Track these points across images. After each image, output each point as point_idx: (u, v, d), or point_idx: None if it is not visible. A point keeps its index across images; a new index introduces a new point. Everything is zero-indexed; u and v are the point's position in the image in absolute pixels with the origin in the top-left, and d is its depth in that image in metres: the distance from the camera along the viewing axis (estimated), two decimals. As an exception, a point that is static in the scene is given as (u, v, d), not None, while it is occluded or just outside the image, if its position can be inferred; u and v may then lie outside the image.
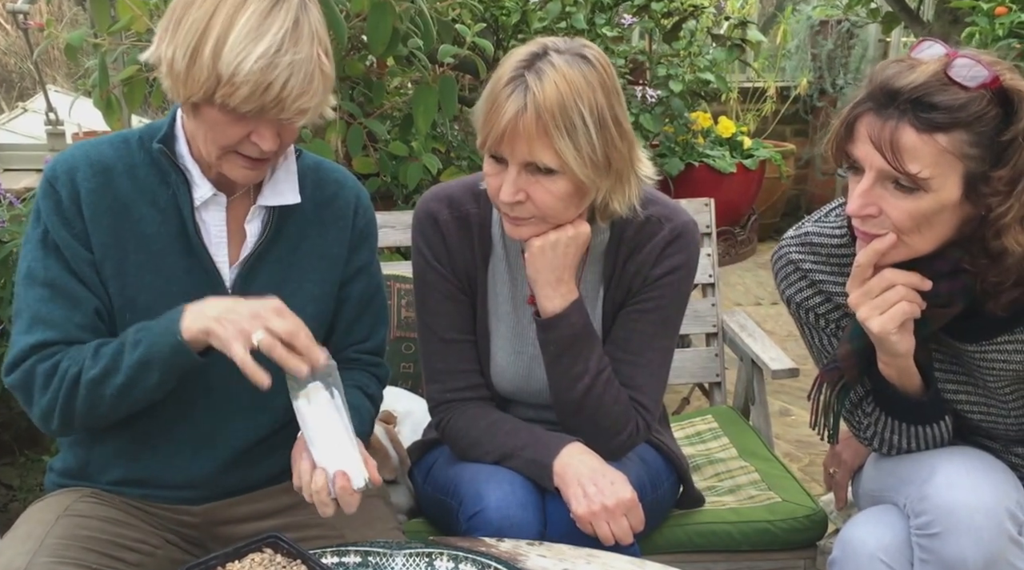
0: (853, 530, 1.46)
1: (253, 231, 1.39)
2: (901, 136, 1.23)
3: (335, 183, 1.47)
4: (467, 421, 1.56)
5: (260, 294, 1.36)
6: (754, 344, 2.26)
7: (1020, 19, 2.82)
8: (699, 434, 2.15)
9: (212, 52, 1.20)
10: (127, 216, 1.34)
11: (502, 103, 1.36)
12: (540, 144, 1.36)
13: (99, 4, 2.30)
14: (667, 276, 1.53)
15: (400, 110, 2.67)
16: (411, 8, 2.26)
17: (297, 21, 1.22)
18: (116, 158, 1.35)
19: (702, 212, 2.33)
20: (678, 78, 3.23)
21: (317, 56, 1.24)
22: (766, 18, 6.45)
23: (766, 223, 5.60)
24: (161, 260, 1.35)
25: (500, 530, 1.41)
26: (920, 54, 1.27)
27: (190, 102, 1.25)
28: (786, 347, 3.97)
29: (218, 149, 1.28)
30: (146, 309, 1.33)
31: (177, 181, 1.34)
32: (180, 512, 1.43)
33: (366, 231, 1.50)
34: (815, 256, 1.46)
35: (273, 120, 1.24)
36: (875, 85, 1.26)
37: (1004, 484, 1.37)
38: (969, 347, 1.40)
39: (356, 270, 1.48)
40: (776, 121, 5.73)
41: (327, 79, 1.26)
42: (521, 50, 1.42)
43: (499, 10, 3.08)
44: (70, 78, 4.72)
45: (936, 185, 1.23)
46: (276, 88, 1.20)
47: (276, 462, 1.45)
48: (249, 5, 1.21)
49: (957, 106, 1.21)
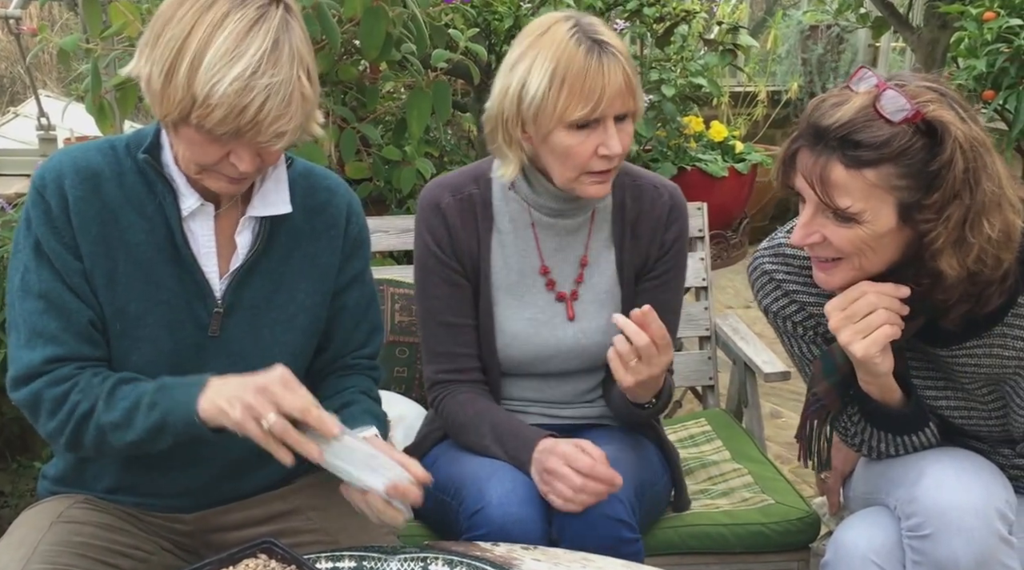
0: (845, 532, 1.48)
1: (243, 242, 1.36)
2: (831, 172, 1.26)
3: (326, 190, 1.45)
4: (457, 406, 1.62)
5: (250, 304, 1.37)
6: (746, 347, 2.27)
7: (1008, 24, 2.84)
8: (692, 437, 2.16)
9: (187, 72, 1.16)
10: (115, 224, 1.31)
11: (600, 68, 1.45)
12: (634, 92, 1.51)
13: (91, 9, 2.29)
14: (677, 241, 1.67)
15: (393, 115, 2.67)
16: (404, 13, 2.26)
17: (277, 42, 1.18)
18: (104, 164, 1.32)
19: (695, 216, 2.34)
20: (670, 82, 3.24)
21: (297, 78, 1.20)
22: (756, 23, 6.47)
23: (757, 226, 5.61)
24: (151, 269, 1.33)
25: (502, 527, 1.42)
26: (856, 85, 1.29)
27: (167, 120, 1.23)
28: (777, 350, 3.98)
29: (197, 167, 1.26)
30: (137, 318, 1.32)
31: (164, 191, 1.32)
32: (173, 520, 1.42)
33: (359, 239, 1.48)
34: (787, 267, 1.49)
35: (251, 142, 1.21)
36: (807, 122, 1.29)
37: (993, 484, 1.38)
38: (941, 352, 1.42)
39: (351, 279, 1.47)
40: (767, 125, 5.75)
41: (307, 102, 1.23)
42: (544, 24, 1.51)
43: (492, 15, 3.09)
44: (62, 83, 4.71)
45: (869, 217, 1.27)
46: (252, 111, 1.17)
47: (269, 472, 1.45)
48: (227, 24, 1.17)
49: (880, 142, 1.23)
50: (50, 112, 3.09)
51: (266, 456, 1.43)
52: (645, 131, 3.14)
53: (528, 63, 1.48)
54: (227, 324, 1.36)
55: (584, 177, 1.52)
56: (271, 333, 1.39)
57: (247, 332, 1.37)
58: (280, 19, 1.20)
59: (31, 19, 4.44)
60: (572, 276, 1.66)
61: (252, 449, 1.41)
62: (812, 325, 1.50)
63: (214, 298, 1.35)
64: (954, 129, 1.23)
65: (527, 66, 1.48)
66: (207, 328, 1.35)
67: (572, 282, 1.65)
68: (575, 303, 1.65)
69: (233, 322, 1.37)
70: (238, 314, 1.37)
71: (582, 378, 1.68)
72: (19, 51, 3.12)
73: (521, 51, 1.50)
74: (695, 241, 2.35)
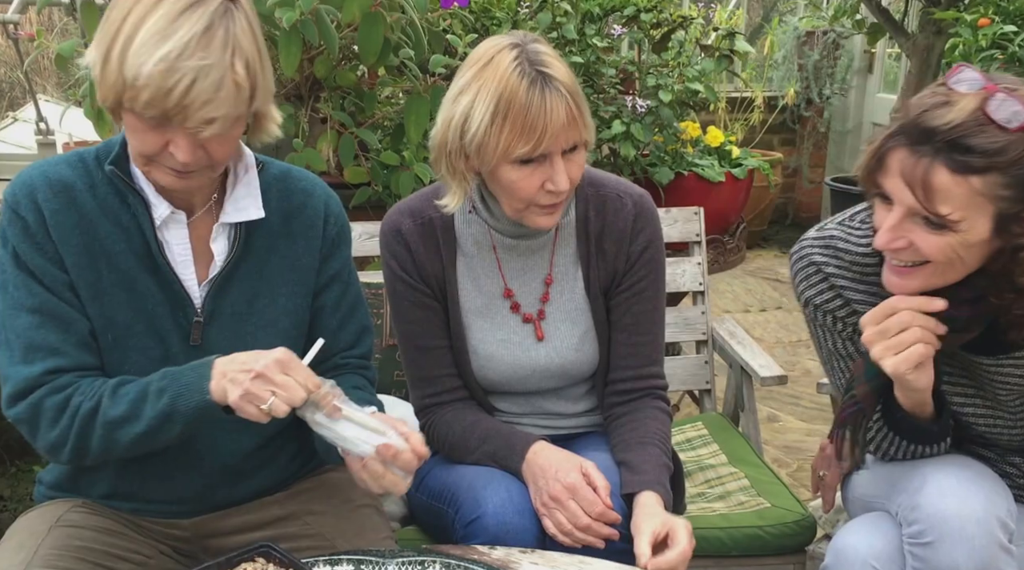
0: (846, 537, 1.47)
1: (219, 249, 1.35)
2: (934, 177, 1.20)
3: (302, 193, 1.43)
4: (445, 427, 1.62)
5: (231, 311, 1.35)
6: (743, 351, 2.27)
7: (1003, 30, 2.85)
8: (689, 441, 2.16)
9: (120, 54, 1.15)
10: (95, 234, 1.30)
11: (542, 104, 1.40)
12: (578, 126, 1.45)
13: (89, 14, 2.30)
14: (647, 250, 1.62)
15: (392, 120, 2.68)
16: (402, 19, 2.27)
17: (210, 26, 1.16)
18: (75, 177, 1.31)
19: (692, 220, 2.35)
20: (667, 88, 3.25)
21: (230, 65, 1.16)
22: (753, 29, 6.49)
23: (754, 231, 5.63)
24: (133, 279, 1.31)
25: (497, 537, 1.42)
26: (958, 84, 1.23)
27: (107, 106, 1.21)
28: (775, 354, 4.00)
29: (141, 158, 1.24)
30: (126, 327, 1.32)
31: (135, 201, 1.30)
32: (170, 526, 1.42)
33: (338, 238, 1.46)
34: (838, 261, 1.44)
35: (181, 128, 1.18)
36: (909, 119, 1.23)
37: (994, 493, 1.38)
38: (985, 360, 1.39)
39: (330, 278, 1.45)
40: (764, 130, 5.76)
41: (240, 90, 1.18)
42: (488, 53, 1.46)
43: (490, 20, 3.10)
44: (60, 87, 4.72)
45: (966, 225, 1.22)
46: (177, 93, 1.14)
47: (264, 478, 1.45)
48: (161, 6, 1.16)
49: (994, 150, 1.18)
50: (49, 117, 3.09)
51: (260, 462, 1.44)
52: (642, 136, 3.15)
53: (472, 95, 1.44)
54: (208, 332, 1.35)
55: (532, 208, 1.50)
56: (254, 339, 1.36)
57: (229, 339, 1.36)
58: (220, 6, 1.18)
59: (30, 24, 4.45)
60: (537, 295, 1.63)
61: (245, 455, 1.42)
62: (854, 322, 1.45)
63: (193, 307, 1.34)
64: None
65: (470, 98, 1.44)
66: (188, 338, 1.34)
67: (538, 301, 1.63)
68: (543, 323, 1.63)
69: (215, 330, 1.36)
70: (219, 321, 1.36)
71: (565, 393, 1.68)
72: (17, 56, 3.13)
73: (465, 81, 1.46)
74: (692, 246, 2.36)
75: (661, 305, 1.68)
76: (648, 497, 1.46)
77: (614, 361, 1.64)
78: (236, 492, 1.44)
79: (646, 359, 1.64)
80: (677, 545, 1.38)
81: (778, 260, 5.58)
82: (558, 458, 1.50)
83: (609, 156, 3.25)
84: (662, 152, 3.37)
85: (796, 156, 6.10)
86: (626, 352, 1.64)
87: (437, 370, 1.63)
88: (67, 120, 2.86)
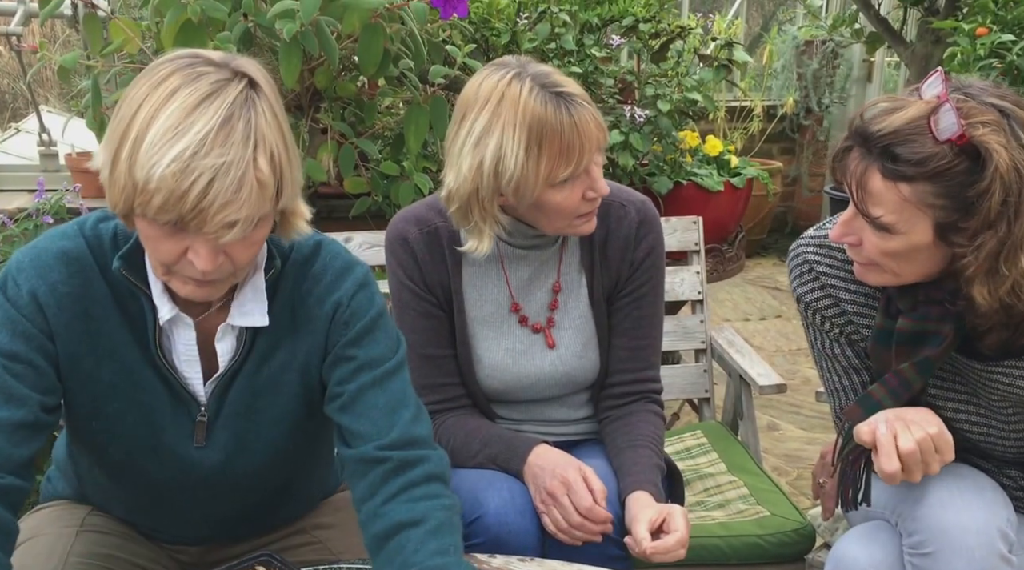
0: (846, 547, 1.47)
1: (224, 351, 1.23)
2: (868, 180, 1.24)
3: (313, 279, 1.26)
4: (447, 433, 1.62)
5: (234, 411, 1.25)
6: (742, 360, 2.28)
7: (1001, 39, 2.87)
8: (688, 449, 2.17)
9: (129, 154, 1.03)
10: (100, 327, 1.20)
11: (573, 123, 1.42)
12: (602, 134, 1.48)
13: (92, 26, 2.32)
14: (648, 257, 1.65)
15: (391, 130, 2.69)
16: (402, 30, 2.29)
17: (229, 118, 1.02)
18: (91, 258, 1.19)
19: (691, 230, 2.36)
20: (666, 98, 3.26)
21: (251, 160, 1.03)
22: (753, 38, 6.52)
23: (754, 240, 5.64)
24: (132, 370, 1.22)
25: (498, 537, 1.43)
26: (924, 89, 1.25)
27: (119, 213, 1.09)
28: (774, 362, 4.01)
29: (160, 266, 1.12)
30: (116, 418, 1.23)
31: (143, 298, 1.20)
32: (178, 551, 1.42)
33: (352, 322, 1.25)
34: (831, 259, 1.46)
35: (199, 234, 1.05)
36: (860, 123, 1.26)
37: (995, 504, 1.38)
38: (976, 365, 1.40)
39: (357, 368, 1.25)
40: (763, 139, 5.78)
41: (264, 188, 1.05)
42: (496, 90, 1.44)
43: (489, 31, 3.12)
44: (63, 98, 4.74)
45: (903, 229, 1.24)
46: (194, 196, 1.01)
47: (265, 525, 1.43)
48: (175, 100, 1.03)
49: (917, 160, 1.20)
50: (51, 128, 3.11)
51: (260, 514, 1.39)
52: (641, 146, 3.16)
53: (498, 135, 1.42)
54: (212, 432, 1.27)
55: (576, 220, 1.52)
56: (256, 437, 1.29)
57: (233, 439, 1.28)
58: (240, 95, 1.05)
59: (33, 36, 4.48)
60: (546, 303, 1.65)
61: (244, 511, 1.37)
62: (841, 323, 1.47)
63: (197, 406, 1.25)
64: (997, 157, 1.17)
65: (498, 139, 1.42)
66: (192, 437, 1.26)
67: (546, 310, 1.65)
68: (552, 330, 1.64)
69: (219, 429, 1.27)
70: (221, 420, 1.27)
71: (567, 401, 1.69)
72: (20, 67, 3.14)
73: (485, 124, 1.43)
74: (691, 255, 2.37)
75: (660, 310, 1.71)
76: (640, 494, 1.48)
77: (612, 365, 1.66)
78: (247, 530, 1.43)
79: (644, 362, 1.66)
80: (675, 531, 1.40)
81: (778, 269, 5.59)
82: (558, 458, 1.51)
83: (608, 166, 3.26)
84: (661, 161, 3.38)
85: (795, 165, 6.12)
86: (624, 356, 1.65)
87: (442, 379, 1.63)
88: (69, 131, 2.87)
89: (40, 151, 3.13)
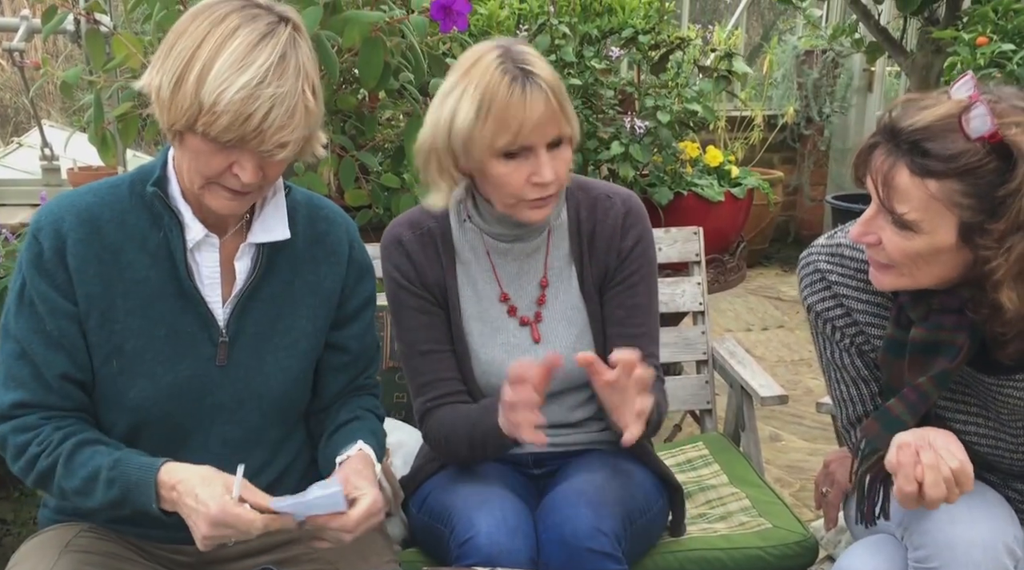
0: (851, 560, 1.47)
1: (242, 269, 1.39)
2: (895, 175, 1.23)
3: (325, 220, 1.48)
4: (439, 420, 1.63)
5: (254, 331, 1.39)
6: (744, 371, 2.27)
7: (1001, 49, 2.87)
8: (690, 461, 2.16)
9: (196, 80, 1.20)
10: (115, 264, 1.33)
11: (522, 97, 1.47)
12: (560, 120, 1.51)
13: (95, 42, 2.33)
14: (637, 246, 1.68)
15: (392, 142, 2.70)
16: (402, 43, 2.30)
17: (284, 55, 1.22)
18: (103, 206, 1.34)
19: (691, 240, 2.36)
20: (666, 109, 3.27)
21: (302, 91, 1.23)
22: (752, 48, 6.54)
23: (755, 250, 5.64)
24: (150, 304, 1.34)
25: (490, 557, 1.43)
26: (954, 90, 1.24)
27: (174, 129, 1.25)
28: (776, 373, 4.00)
29: (201, 178, 1.28)
30: (135, 355, 1.34)
31: (170, 224, 1.34)
32: (175, 551, 1.43)
33: (364, 263, 1.51)
34: (843, 268, 1.45)
35: (254, 152, 1.24)
36: (886, 118, 1.25)
37: (1001, 519, 1.38)
38: (987, 378, 1.39)
39: (364, 301, 1.51)
40: (763, 149, 5.78)
41: (311, 115, 1.26)
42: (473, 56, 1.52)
43: (489, 44, 3.13)
44: (65, 113, 4.76)
45: (927, 228, 1.23)
46: (256, 119, 1.20)
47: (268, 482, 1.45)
48: (237, 36, 1.21)
49: (948, 156, 1.19)
50: (53, 142, 3.12)
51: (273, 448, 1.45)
52: (641, 157, 3.17)
53: (457, 95, 1.51)
54: (231, 352, 1.38)
55: (521, 204, 1.56)
56: (274, 359, 1.41)
57: (251, 359, 1.39)
58: (288, 36, 1.24)
59: (35, 51, 4.50)
60: (534, 297, 1.68)
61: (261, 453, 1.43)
62: (852, 333, 1.46)
63: (218, 328, 1.37)
64: None
65: (456, 98, 1.51)
66: (214, 358, 1.37)
67: (534, 304, 1.68)
68: (539, 325, 1.67)
69: (237, 349, 1.38)
70: (241, 340, 1.39)
71: (563, 398, 1.69)
72: (23, 82, 3.16)
73: (451, 84, 1.53)
74: (692, 266, 2.37)
75: (654, 300, 1.72)
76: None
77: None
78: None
79: (642, 350, 1.64)
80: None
81: (780, 278, 5.58)
82: None
83: (608, 177, 3.27)
84: (661, 172, 3.39)
85: (797, 174, 6.12)
86: (620, 344, 1.63)
87: (440, 374, 1.65)
88: (71, 146, 2.88)
89: (42, 165, 3.14)
